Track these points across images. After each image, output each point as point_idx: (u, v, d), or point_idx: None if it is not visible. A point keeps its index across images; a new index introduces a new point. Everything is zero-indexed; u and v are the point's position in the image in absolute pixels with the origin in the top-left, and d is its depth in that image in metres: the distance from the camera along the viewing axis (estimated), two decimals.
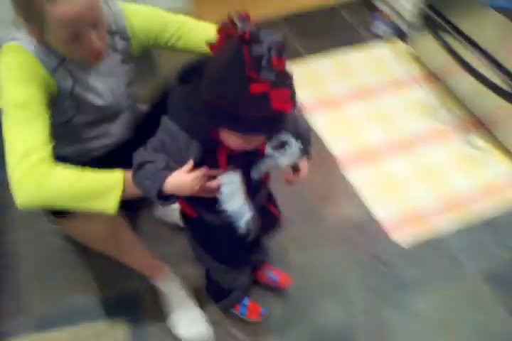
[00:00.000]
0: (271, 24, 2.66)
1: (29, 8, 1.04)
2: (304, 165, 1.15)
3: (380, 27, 2.49)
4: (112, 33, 1.24)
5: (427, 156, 1.97)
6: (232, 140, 0.95)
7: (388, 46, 2.46)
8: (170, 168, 1.01)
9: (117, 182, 1.08)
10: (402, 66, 2.35)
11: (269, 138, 1.01)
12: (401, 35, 2.50)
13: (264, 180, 1.17)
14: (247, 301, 1.52)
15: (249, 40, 0.83)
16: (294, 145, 1.03)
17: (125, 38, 1.28)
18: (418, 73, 2.31)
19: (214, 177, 1.02)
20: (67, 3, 1.02)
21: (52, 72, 1.16)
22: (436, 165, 1.93)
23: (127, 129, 1.43)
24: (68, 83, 1.20)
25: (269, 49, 0.82)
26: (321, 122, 2.11)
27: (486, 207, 1.80)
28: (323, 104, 2.19)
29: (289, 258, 1.66)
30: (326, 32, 2.58)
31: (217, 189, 1.02)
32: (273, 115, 0.87)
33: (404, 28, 2.51)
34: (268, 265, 1.58)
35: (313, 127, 2.09)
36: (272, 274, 1.56)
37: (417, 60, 2.35)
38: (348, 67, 2.36)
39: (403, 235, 1.72)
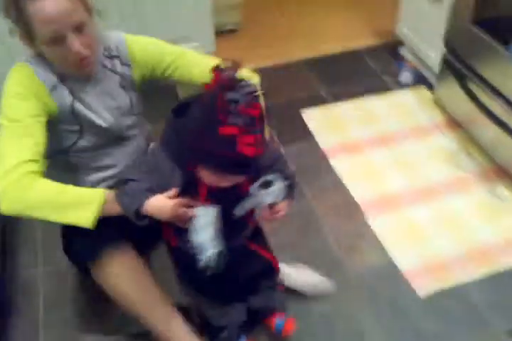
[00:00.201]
0: (294, 68, 2.74)
1: (14, 8, 1.12)
2: (283, 205, 1.19)
3: (404, 74, 2.53)
4: (111, 56, 1.32)
5: (449, 204, 1.95)
6: (206, 176, 1.03)
7: (412, 93, 2.49)
8: (152, 191, 1.08)
9: (98, 197, 1.15)
10: (425, 113, 2.37)
11: (250, 178, 1.08)
12: (425, 82, 2.53)
13: (246, 219, 1.20)
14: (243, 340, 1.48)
15: (226, 87, 0.92)
16: (279, 185, 1.09)
17: (127, 64, 1.35)
18: (441, 120, 2.32)
19: (192, 208, 1.08)
20: (47, 2, 1.11)
21: (52, 90, 1.23)
22: (458, 214, 1.92)
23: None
24: (68, 100, 1.26)
25: (241, 97, 0.91)
26: (343, 167, 2.12)
27: (510, 257, 1.76)
28: (345, 149, 2.21)
29: (310, 306, 1.64)
30: (349, 77, 2.63)
31: (191, 219, 1.07)
32: (239, 157, 0.94)
33: (427, 75, 2.54)
34: (280, 313, 1.54)
35: (336, 172, 2.10)
36: (279, 320, 1.52)
37: (440, 107, 2.36)
38: (371, 113, 2.39)
39: (424, 284, 1.70)
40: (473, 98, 2.06)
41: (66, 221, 1.17)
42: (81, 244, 1.31)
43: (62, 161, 1.36)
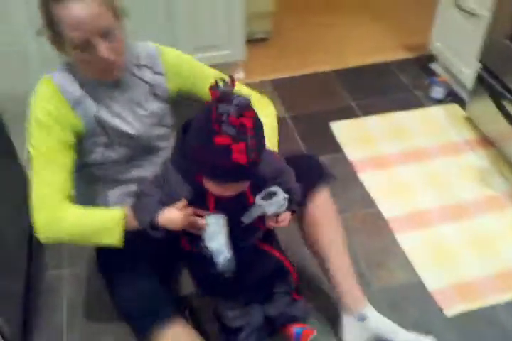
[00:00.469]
0: (324, 79, 2.73)
1: (44, 11, 1.14)
2: (286, 216, 1.26)
3: (435, 89, 2.50)
4: (140, 65, 1.32)
5: (479, 224, 1.92)
6: (210, 186, 1.10)
7: (443, 109, 2.46)
8: (163, 203, 1.17)
9: (118, 220, 1.23)
10: (456, 130, 2.34)
11: (254, 188, 1.16)
12: (456, 99, 2.51)
13: (257, 224, 1.27)
14: None
15: (220, 99, 1.00)
16: (282, 196, 1.17)
17: (160, 73, 1.34)
18: (472, 138, 2.29)
19: (202, 217, 1.17)
20: (75, 6, 1.11)
21: (75, 105, 1.24)
22: (488, 234, 1.88)
23: None
24: (92, 110, 1.27)
25: (232, 108, 0.98)
26: (372, 182, 2.10)
27: None
28: (374, 164, 2.19)
29: (334, 320, 1.61)
30: (379, 91, 2.62)
31: (202, 228, 1.17)
32: (235, 165, 1.00)
33: (460, 91, 2.52)
34: (300, 324, 1.51)
35: (364, 186, 2.08)
36: (297, 328, 1.49)
37: (472, 124, 2.33)
38: (401, 128, 2.37)
39: (452, 304, 1.66)
40: (507, 116, 2.03)
41: (96, 245, 1.33)
42: (138, 316, 1.33)
43: (87, 174, 1.38)
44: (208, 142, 1.00)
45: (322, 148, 2.29)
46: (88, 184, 1.41)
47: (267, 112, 1.47)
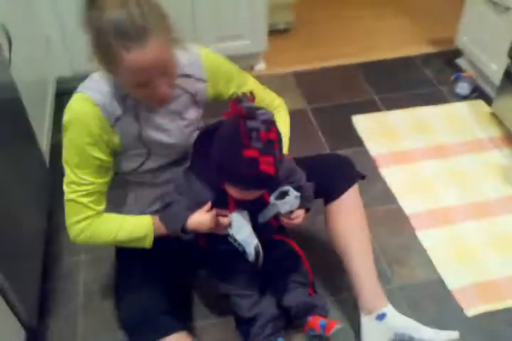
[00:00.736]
0: (346, 71, 2.69)
1: (105, 52, 1.07)
2: (299, 213, 1.33)
3: (461, 85, 2.45)
4: (183, 76, 1.27)
5: (503, 224, 1.88)
6: (233, 192, 1.20)
7: (469, 105, 2.41)
8: (190, 209, 1.26)
9: (147, 229, 1.31)
10: (481, 126, 2.29)
11: (271, 190, 1.25)
12: (482, 95, 2.46)
13: (271, 223, 1.36)
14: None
15: (246, 116, 1.09)
16: (294, 195, 1.25)
17: (202, 79, 1.31)
18: (498, 135, 2.24)
19: (225, 216, 1.27)
20: (140, 52, 1.05)
21: (115, 123, 1.21)
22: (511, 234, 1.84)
23: None
24: (134, 129, 1.24)
25: (260, 124, 1.09)
26: (394, 177, 2.07)
27: None
28: (396, 159, 2.15)
29: (352, 317, 1.59)
30: (403, 85, 2.57)
31: (229, 225, 1.27)
32: (262, 176, 1.11)
33: (486, 87, 2.46)
34: (322, 317, 1.48)
35: (385, 181, 2.05)
36: (322, 321, 1.45)
37: (498, 121, 2.28)
38: (424, 123, 2.32)
39: (473, 304, 1.63)
40: None
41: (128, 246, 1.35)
42: (140, 330, 1.33)
43: (120, 179, 1.38)
44: (236, 154, 1.10)
45: (343, 142, 2.25)
46: (120, 187, 1.42)
47: (284, 119, 1.50)
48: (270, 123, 1.11)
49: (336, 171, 1.52)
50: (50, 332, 1.59)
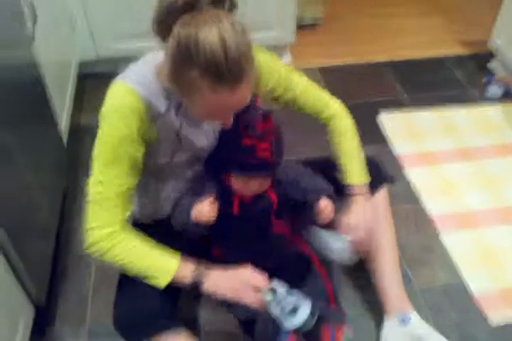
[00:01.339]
0: (374, 69, 2.64)
1: (184, 77, 0.96)
2: (327, 205, 1.28)
3: (491, 88, 2.39)
4: None
5: None
6: (236, 183, 1.23)
7: (500, 109, 2.35)
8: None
9: (170, 271, 1.14)
10: None
11: (275, 190, 1.28)
12: None
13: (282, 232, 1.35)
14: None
15: (245, 109, 1.09)
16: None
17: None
18: None
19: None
20: (227, 96, 0.97)
21: (157, 118, 1.12)
22: None
23: None
24: (174, 126, 1.16)
25: (257, 116, 1.16)
26: (418, 177, 2.01)
27: None
28: (421, 159, 2.09)
29: (369, 319, 1.54)
30: (432, 85, 2.51)
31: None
32: (259, 161, 1.17)
33: None
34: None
35: (409, 181, 1.99)
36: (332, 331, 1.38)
37: None
38: (452, 125, 2.26)
39: (497, 312, 1.57)
40: None
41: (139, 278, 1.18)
42: (134, 328, 1.22)
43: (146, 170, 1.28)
44: (236, 144, 1.17)
45: (368, 140, 2.13)
46: (145, 177, 1.30)
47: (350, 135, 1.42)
48: (266, 116, 1.18)
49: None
50: (59, 312, 1.56)
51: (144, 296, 1.21)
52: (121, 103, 1.08)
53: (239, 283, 1.15)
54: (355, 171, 1.37)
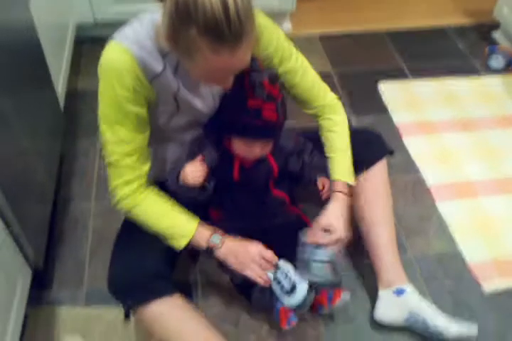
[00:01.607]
0: (376, 38, 2.60)
1: (184, 39, 0.94)
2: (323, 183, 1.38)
3: (494, 59, 2.36)
4: None
5: None
6: (237, 147, 1.23)
7: (501, 79, 2.32)
8: None
9: (189, 233, 1.21)
10: None
11: (276, 157, 1.31)
12: None
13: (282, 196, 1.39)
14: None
15: (251, 70, 1.12)
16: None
17: None
18: None
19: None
20: (227, 57, 0.95)
21: (153, 79, 1.10)
22: None
23: None
24: (172, 87, 1.13)
25: (262, 76, 1.15)
26: (417, 147, 2.00)
27: None
28: (421, 129, 2.08)
29: (366, 284, 1.56)
30: (434, 55, 2.48)
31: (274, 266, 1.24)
32: (264, 123, 1.17)
33: None
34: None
35: (408, 150, 1.99)
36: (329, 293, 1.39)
37: None
38: (453, 95, 2.24)
39: (491, 280, 1.58)
40: None
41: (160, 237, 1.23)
42: (130, 289, 1.22)
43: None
44: (241, 105, 1.15)
45: (367, 108, 2.18)
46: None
47: (339, 134, 1.39)
48: (274, 78, 1.17)
49: (366, 145, 1.47)
50: (57, 276, 1.56)
51: (141, 257, 1.23)
52: (116, 63, 1.06)
53: (249, 257, 1.20)
54: (343, 168, 1.36)
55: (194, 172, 1.20)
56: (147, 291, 1.21)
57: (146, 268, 1.21)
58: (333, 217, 1.30)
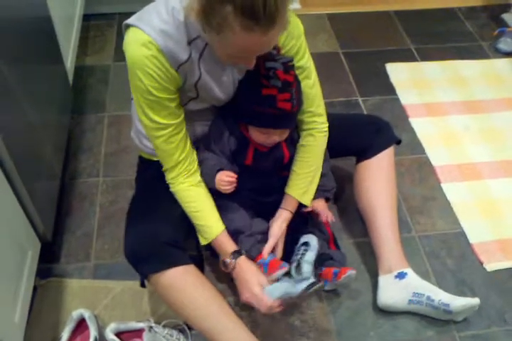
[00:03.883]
0: (384, 18, 2.58)
1: (217, 17, 0.94)
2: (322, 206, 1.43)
3: (504, 41, 2.34)
4: None
5: None
6: (254, 134, 1.25)
7: (510, 62, 2.31)
8: (220, 162, 1.29)
9: (211, 236, 1.29)
10: None
11: (288, 144, 1.33)
12: None
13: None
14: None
15: (265, 57, 1.12)
16: (308, 268, 1.29)
17: None
18: None
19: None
20: (258, 38, 0.95)
21: (179, 67, 1.11)
22: None
23: None
24: (195, 75, 1.15)
25: (278, 65, 1.14)
26: (423, 129, 2.00)
27: None
28: (427, 110, 2.08)
29: (369, 266, 1.57)
30: (442, 36, 2.47)
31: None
32: (279, 112, 1.17)
33: None
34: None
35: (414, 131, 1.99)
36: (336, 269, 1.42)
37: None
38: (460, 77, 2.24)
39: (493, 259, 1.60)
40: None
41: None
42: (145, 258, 1.25)
43: None
44: (256, 93, 1.16)
45: (374, 88, 2.18)
46: None
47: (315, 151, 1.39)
48: (289, 66, 1.16)
49: (375, 132, 1.51)
50: (65, 249, 1.58)
51: (157, 223, 1.25)
52: (140, 56, 1.07)
53: (244, 296, 1.29)
54: (306, 189, 1.37)
55: (227, 185, 1.27)
56: (163, 260, 1.24)
57: (160, 237, 1.24)
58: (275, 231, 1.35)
